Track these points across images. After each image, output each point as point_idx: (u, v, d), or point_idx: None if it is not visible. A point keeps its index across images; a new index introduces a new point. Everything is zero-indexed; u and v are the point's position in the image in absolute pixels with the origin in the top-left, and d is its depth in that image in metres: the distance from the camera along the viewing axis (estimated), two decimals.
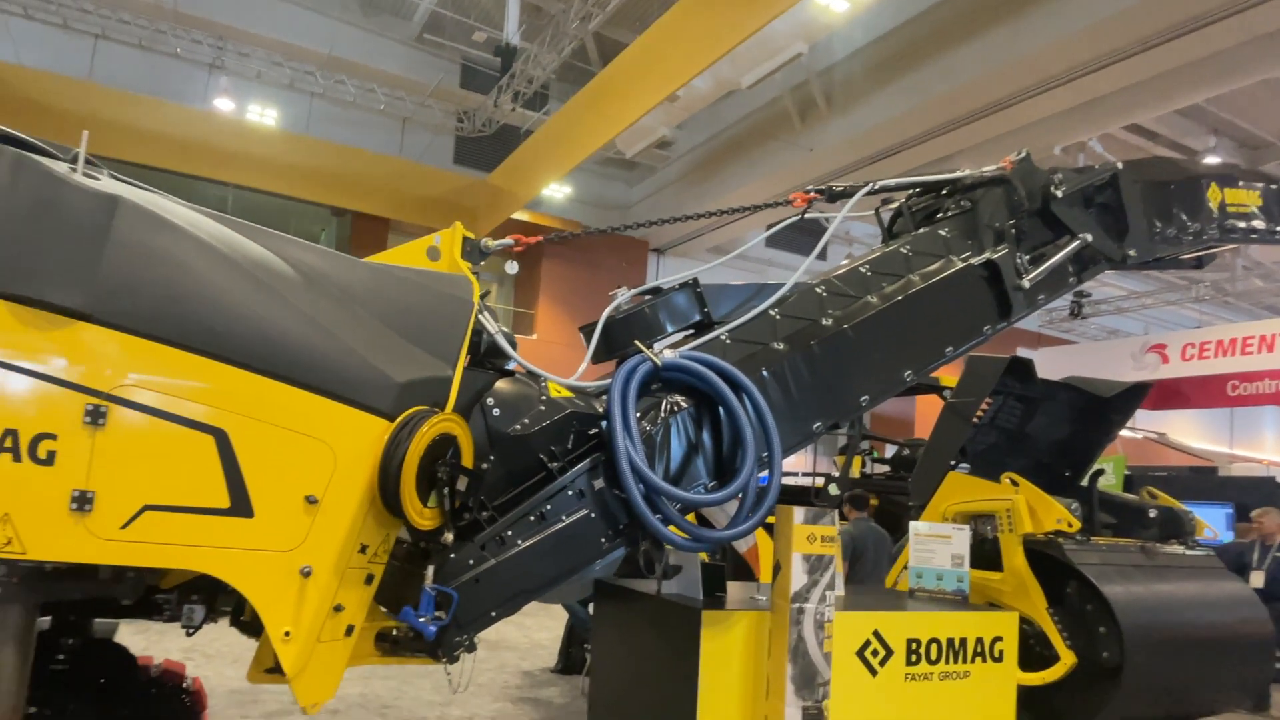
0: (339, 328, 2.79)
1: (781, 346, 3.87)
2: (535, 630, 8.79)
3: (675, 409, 3.60)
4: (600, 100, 10.89)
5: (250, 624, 3.63)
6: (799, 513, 3.42)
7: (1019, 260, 4.45)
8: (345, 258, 3.16)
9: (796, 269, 4.23)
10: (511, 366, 3.65)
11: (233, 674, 6.29)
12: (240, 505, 2.57)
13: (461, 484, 2.84)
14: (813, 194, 4.32)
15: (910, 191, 4.90)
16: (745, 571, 4.55)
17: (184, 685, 3.80)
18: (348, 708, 5.58)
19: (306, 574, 2.63)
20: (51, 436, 2.39)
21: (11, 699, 2.56)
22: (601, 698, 4.54)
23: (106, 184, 2.61)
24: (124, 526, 2.45)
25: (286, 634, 2.63)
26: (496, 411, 3.29)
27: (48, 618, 3.44)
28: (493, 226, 15.46)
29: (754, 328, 3.90)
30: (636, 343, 3.65)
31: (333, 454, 2.69)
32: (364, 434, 2.73)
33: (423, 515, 2.76)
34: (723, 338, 3.84)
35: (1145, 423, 20.23)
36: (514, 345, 3.54)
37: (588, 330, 4.14)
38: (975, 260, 4.36)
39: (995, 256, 4.38)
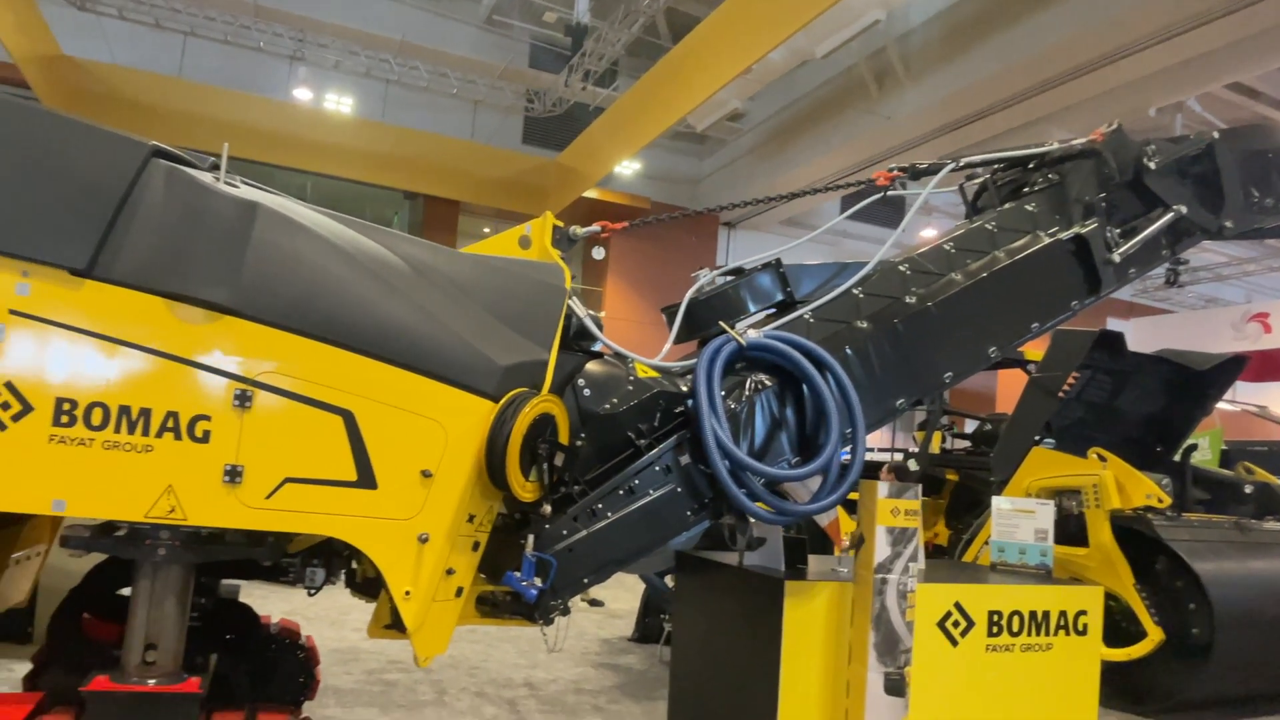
0: (448, 316, 3.03)
1: (865, 325, 3.94)
2: (611, 601, 9.09)
3: (759, 387, 3.73)
4: (674, 76, 10.88)
5: (364, 586, 3.97)
6: (883, 487, 3.53)
7: (1109, 234, 4.38)
8: (449, 250, 3.39)
9: (872, 240, 4.31)
10: (597, 348, 3.84)
11: (331, 635, 6.76)
12: (365, 478, 2.84)
13: (559, 459, 3.05)
14: (896, 172, 4.34)
15: (995, 166, 4.85)
16: (822, 545, 4.66)
17: (300, 642, 4.16)
18: (440, 667, 5.95)
19: (424, 540, 2.89)
20: (206, 418, 2.69)
21: (175, 645, 2.91)
22: (683, 664, 4.75)
23: (244, 190, 2.88)
24: (268, 496, 2.75)
25: (407, 593, 2.90)
26: (587, 392, 3.48)
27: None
28: (563, 206, 15.70)
29: (837, 306, 3.98)
30: (721, 323, 3.79)
31: (444, 432, 2.93)
32: (472, 414, 2.97)
33: (524, 488, 2.98)
34: (806, 317, 3.93)
35: (1245, 395, 19.23)
36: (600, 328, 3.72)
37: (670, 311, 4.29)
38: (1063, 235, 4.31)
39: (1084, 231, 4.31)
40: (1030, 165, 4.68)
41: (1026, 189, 4.61)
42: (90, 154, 2.69)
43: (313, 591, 3.81)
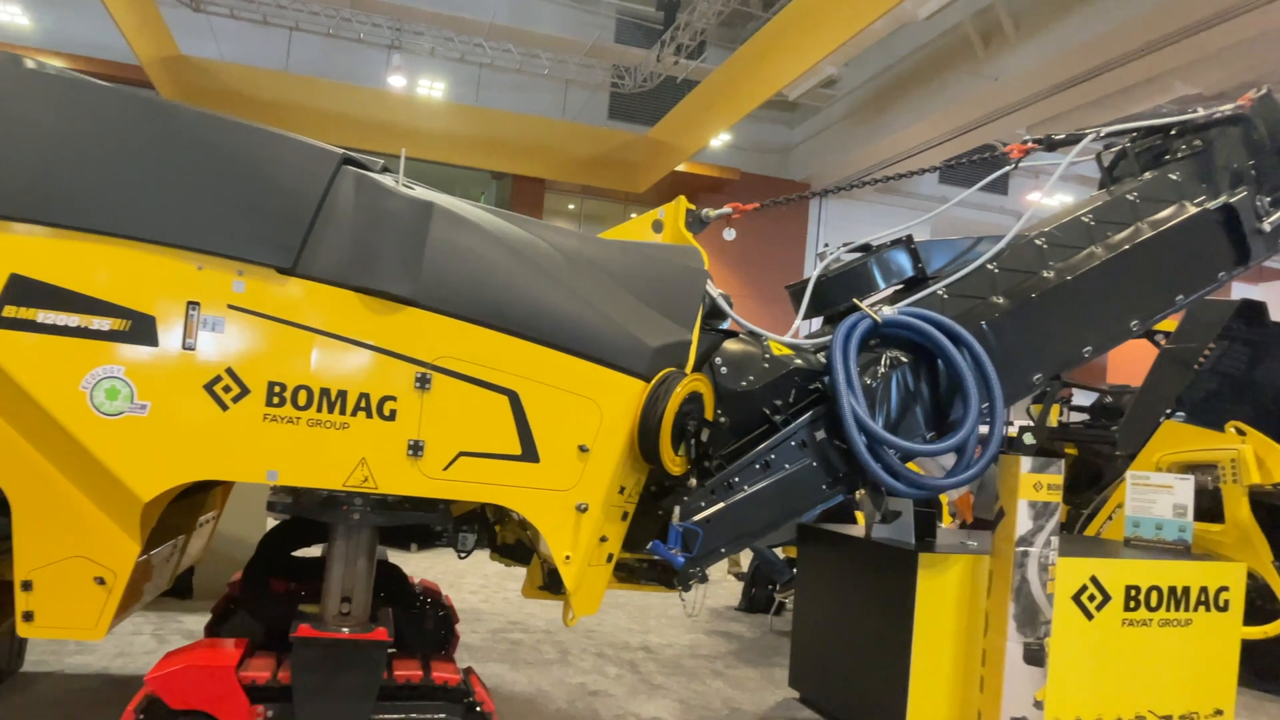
0: (601, 302, 3.21)
1: (1001, 300, 3.93)
2: (713, 571, 9.25)
3: (894, 363, 3.79)
4: (774, 46, 10.72)
5: (505, 550, 4.26)
6: (1026, 462, 3.55)
7: (1259, 203, 4.20)
8: (596, 238, 3.58)
9: (972, 205, 4.29)
10: (726, 325, 3.96)
11: (452, 596, 7.17)
12: (529, 452, 3.08)
13: (704, 435, 3.21)
14: (1030, 144, 4.26)
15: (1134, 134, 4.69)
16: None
17: (441, 600, 4.49)
18: (557, 629, 6.26)
19: (582, 509, 3.12)
20: (393, 398, 2.98)
21: (365, 598, 3.24)
22: (805, 632, 4.89)
23: (420, 192, 3.13)
24: (445, 468, 3.02)
25: (567, 558, 3.14)
26: (724, 369, 3.62)
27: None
28: (654, 180, 15.77)
29: (971, 282, 3.98)
30: (855, 300, 3.85)
31: (599, 410, 3.14)
32: (625, 393, 3.16)
33: (674, 463, 3.16)
34: (940, 293, 3.95)
35: None
36: (731, 306, 3.84)
37: (795, 289, 4.38)
38: (1211, 205, 4.16)
39: (1233, 200, 4.15)
40: (1172, 132, 4.51)
41: (1168, 157, 4.44)
42: (290, 163, 2.98)
43: (463, 555, 4.11)
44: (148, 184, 2.84)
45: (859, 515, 5.06)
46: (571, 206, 19.01)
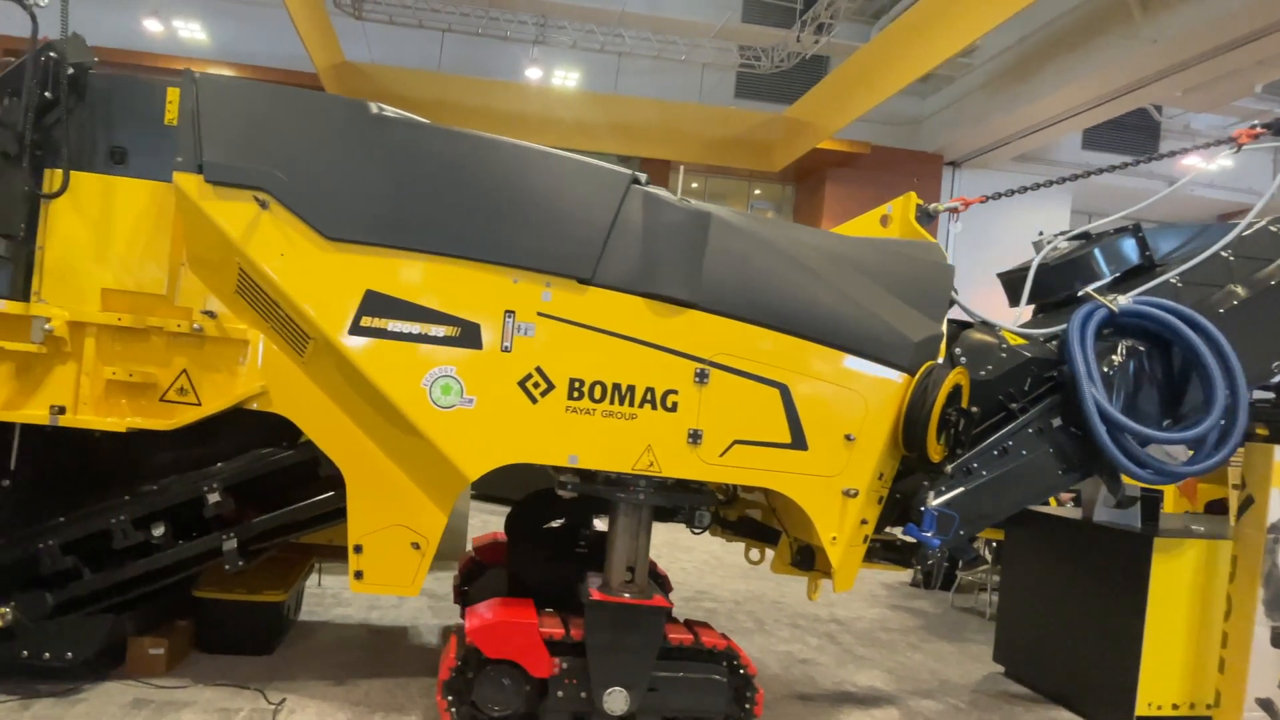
0: (863, 298, 3.46)
1: (1239, 289, 3.93)
2: None
3: (1128, 352, 3.87)
4: (930, 21, 10.51)
5: (733, 526, 4.58)
6: (1279, 451, 3.58)
7: None
8: (848, 237, 3.81)
9: (1117, 171, 4.20)
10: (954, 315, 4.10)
11: None
12: (799, 440, 3.38)
13: (963, 425, 3.42)
14: (1259, 129, 4.20)
15: None
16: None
17: (657, 570, 4.84)
18: (745, 600, 6.59)
19: (852, 494, 3.39)
20: (675, 391, 3.33)
21: (645, 567, 3.62)
22: (1013, 611, 5.02)
23: (696, 203, 3.45)
24: (721, 455, 3.36)
25: (834, 539, 3.43)
26: (964, 359, 3.80)
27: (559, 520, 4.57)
28: (791, 159, 15.73)
29: (1205, 270, 3.99)
30: (1089, 290, 3.94)
31: (864, 401, 3.40)
32: (888, 385, 3.42)
33: (935, 451, 3.39)
34: (1173, 281, 3.98)
35: None
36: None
37: (1010, 277, 4.48)
38: None
39: None
40: None
41: None
42: (587, 186, 3.36)
43: (698, 531, 4.45)
44: (473, 211, 3.28)
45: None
46: (695, 185, 19.18)
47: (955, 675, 4.99)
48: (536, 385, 3.30)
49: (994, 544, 6.42)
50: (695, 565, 7.85)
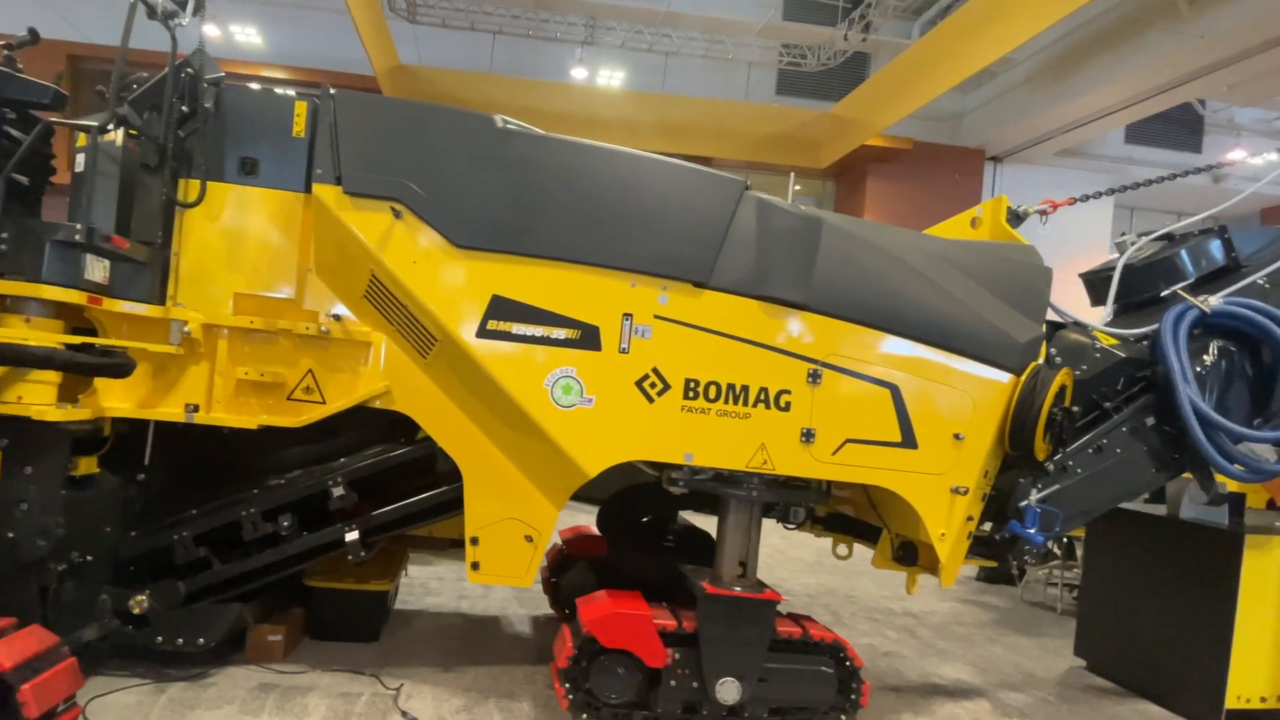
0: (970, 300, 3.55)
1: None
2: None
3: (1218, 351, 3.93)
4: (985, 20, 10.52)
5: (823, 522, 4.67)
6: None
7: None
8: (951, 240, 3.91)
9: (1161, 165, 4.25)
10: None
11: None
12: (908, 439, 3.48)
13: (1068, 424, 3.50)
14: None
15: None
16: None
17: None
18: (817, 593, 6.69)
19: (961, 492, 3.49)
20: (788, 391, 3.45)
21: (755, 562, 3.74)
22: (1094, 606, 5.09)
23: (808, 209, 3.56)
24: (833, 453, 3.47)
25: (942, 535, 3.53)
26: (1059, 360, 3.88)
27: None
28: (837, 156, 15.78)
29: None
30: (1179, 291, 4.01)
31: (973, 401, 3.49)
32: (995, 385, 3.51)
33: (1041, 450, 3.47)
34: (1260, 282, 4.04)
35: None
36: None
37: (1093, 277, 4.55)
38: None
39: None
40: None
41: None
42: (703, 193, 3.48)
43: (791, 526, 4.55)
44: (593, 218, 3.41)
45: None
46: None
47: (1038, 669, 5.07)
48: (653, 385, 3.43)
49: (1064, 539, 6.49)
50: (762, 559, 7.96)
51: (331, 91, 3.41)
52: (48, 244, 3.11)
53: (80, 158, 3.38)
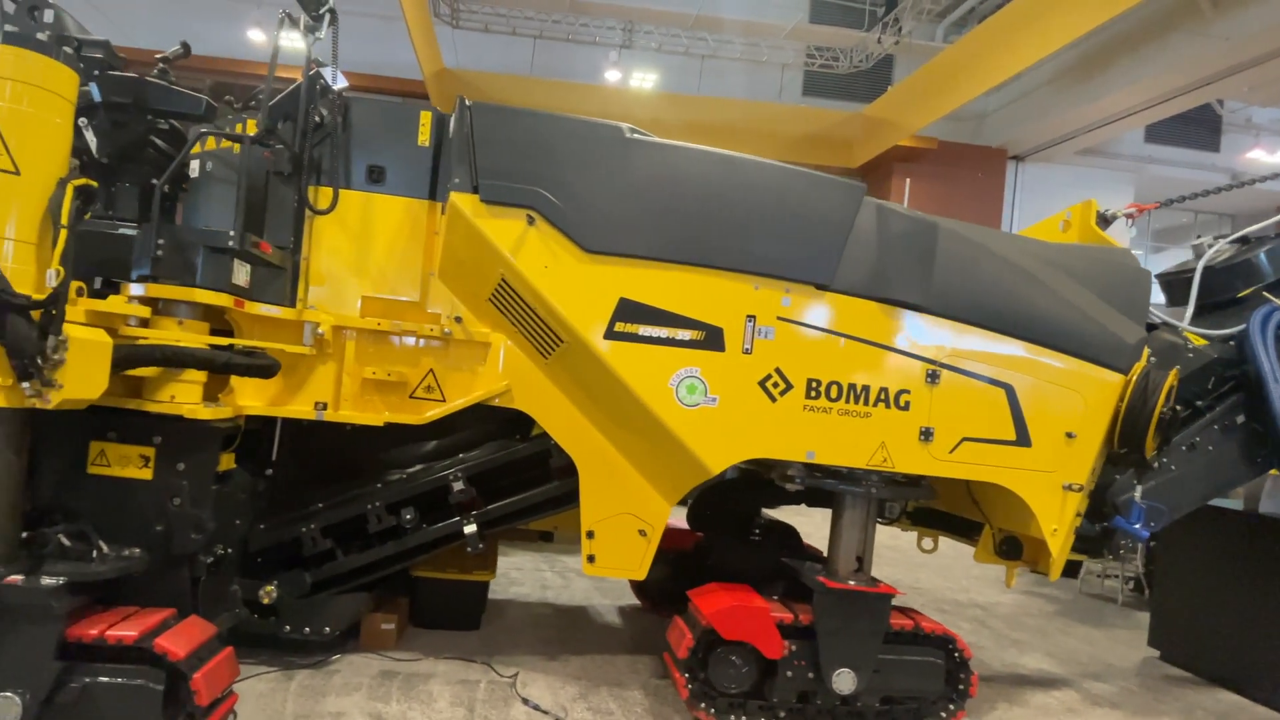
0: (1080, 302, 3.68)
1: None
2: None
3: None
4: (1017, 28, 10.63)
5: (912, 516, 4.79)
6: None
7: None
8: (1059, 244, 4.03)
9: (1181, 164, 4.39)
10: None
11: None
12: (1023, 438, 3.60)
13: (1174, 422, 3.63)
14: None
15: None
16: None
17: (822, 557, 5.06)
18: (906, 589, 6.77)
19: (1075, 489, 3.62)
20: (907, 391, 3.57)
21: (871, 557, 3.85)
22: (1170, 598, 5.21)
23: (925, 214, 3.68)
24: (950, 451, 3.60)
25: (1054, 530, 3.66)
26: (1154, 360, 4.00)
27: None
28: (870, 156, 15.93)
29: None
30: (1264, 293, 4.13)
31: (1084, 401, 3.62)
32: (1105, 385, 3.64)
33: (1150, 448, 3.60)
34: None
35: None
36: None
37: (1170, 279, 4.67)
38: None
39: None
40: None
41: None
42: (825, 199, 3.60)
43: (885, 521, 4.66)
44: (717, 223, 3.53)
45: None
46: None
47: (1114, 659, 5.21)
48: (776, 385, 3.55)
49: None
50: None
51: (468, 103, 3.52)
52: (202, 249, 3.23)
53: (195, 164, 3.48)
